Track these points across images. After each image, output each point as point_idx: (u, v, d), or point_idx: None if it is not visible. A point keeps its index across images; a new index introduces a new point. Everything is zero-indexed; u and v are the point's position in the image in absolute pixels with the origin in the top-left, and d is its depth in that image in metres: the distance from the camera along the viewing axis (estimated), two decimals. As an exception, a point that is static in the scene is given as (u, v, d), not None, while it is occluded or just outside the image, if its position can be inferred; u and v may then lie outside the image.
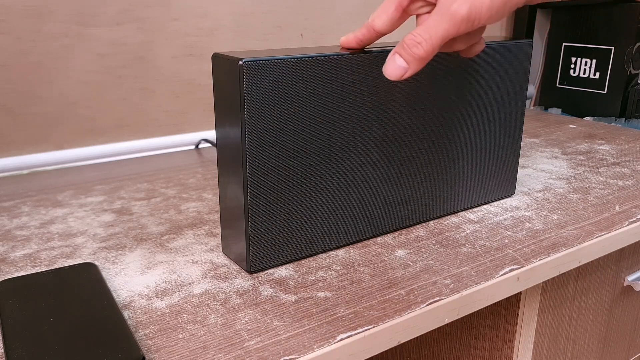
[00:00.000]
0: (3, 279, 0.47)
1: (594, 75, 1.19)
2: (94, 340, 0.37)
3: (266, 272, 0.49)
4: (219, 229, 0.58)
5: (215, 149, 0.90)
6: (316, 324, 0.42)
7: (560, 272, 0.54)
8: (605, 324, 0.70)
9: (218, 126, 0.48)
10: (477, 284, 0.48)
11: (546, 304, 0.60)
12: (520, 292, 0.56)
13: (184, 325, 0.41)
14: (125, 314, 0.43)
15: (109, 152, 0.84)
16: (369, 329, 0.41)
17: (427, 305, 0.44)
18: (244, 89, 0.43)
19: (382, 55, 0.50)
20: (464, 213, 0.62)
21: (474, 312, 0.58)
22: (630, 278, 0.70)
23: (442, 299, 0.45)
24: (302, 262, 0.51)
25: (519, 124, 0.64)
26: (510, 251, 0.53)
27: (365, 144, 0.52)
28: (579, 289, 0.64)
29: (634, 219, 0.61)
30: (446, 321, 0.46)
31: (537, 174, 0.76)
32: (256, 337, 0.40)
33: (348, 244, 0.54)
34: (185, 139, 0.90)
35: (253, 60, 0.43)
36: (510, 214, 0.62)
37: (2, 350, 0.38)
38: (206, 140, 0.90)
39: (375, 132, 0.52)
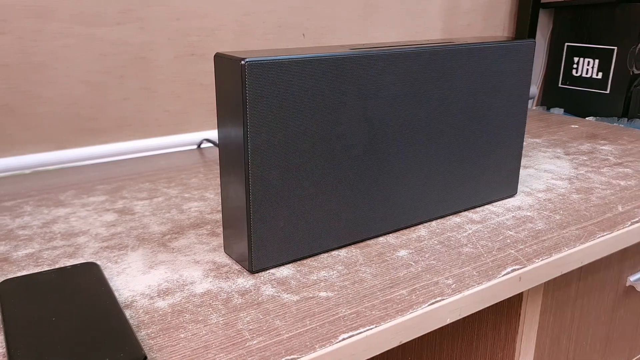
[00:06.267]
0: (5, 278, 0.47)
1: (597, 75, 1.19)
2: (96, 339, 0.37)
3: (268, 271, 0.49)
4: (221, 229, 0.58)
5: (217, 148, 0.90)
6: (318, 323, 0.42)
7: (563, 273, 0.54)
8: (607, 324, 0.70)
9: (220, 126, 0.48)
10: (479, 284, 0.48)
11: (548, 304, 0.60)
12: (522, 293, 0.56)
13: (185, 325, 0.41)
14: (127, 313, 0.43)
15: (110, 152, 0.84)
16: (371, 329, 0.41)
17: (429, 305, 0.44)
18: (246, 89, 0.43)
19: (384, 56, 0.50)
20: (466, 213, 0.62)
21: (476, 312, 0.58)
22: (633, 278, 0.70)
23: (444, 299, 0.45)
24: (304, 261, 0.51)
25: (521, 124, 0.64)
26: (513, 251, 0.53)
27: (367, 143, 0.52)
28: (581, 289, 0.64)
29: (637, 219, 0.61)
30: (448, 321, 0.46)
31: (540, 174, 0.76)
32: (258, 336, 0.40)
33: (350, 244, 0.54)
34: (187, 139, 0.90)
35: (255, 60, 0.43)
36: (513, 214, 0.62)
37: (5, 349, 0.38)
38: (208, 140, 0.90)
39: (378, 132, 0.52)
